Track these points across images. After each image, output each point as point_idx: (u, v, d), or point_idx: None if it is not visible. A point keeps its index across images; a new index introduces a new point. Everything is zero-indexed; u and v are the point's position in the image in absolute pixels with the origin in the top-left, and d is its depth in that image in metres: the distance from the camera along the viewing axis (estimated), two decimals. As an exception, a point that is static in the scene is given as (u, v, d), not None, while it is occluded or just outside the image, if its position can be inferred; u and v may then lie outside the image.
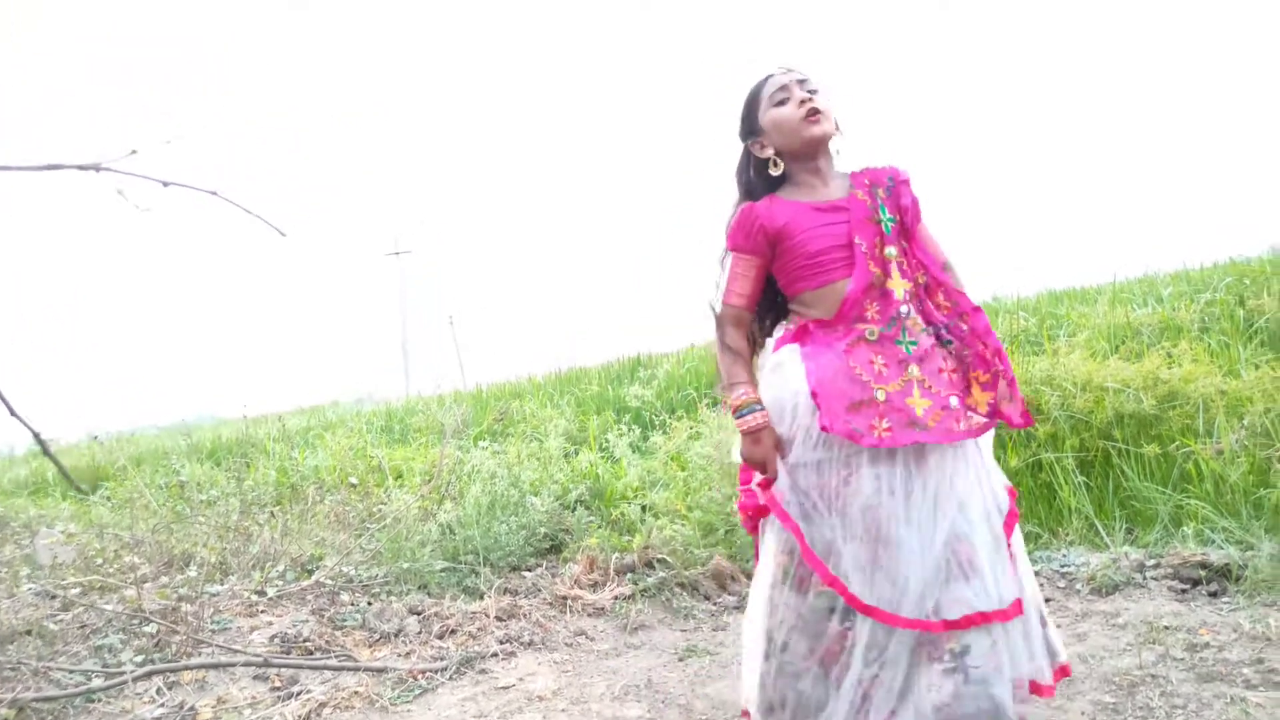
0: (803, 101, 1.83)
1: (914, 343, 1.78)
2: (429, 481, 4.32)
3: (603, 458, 4.93)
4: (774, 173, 1.89)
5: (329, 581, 3.46)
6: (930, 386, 1.75)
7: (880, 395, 1.71)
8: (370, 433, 8.05)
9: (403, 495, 4.36)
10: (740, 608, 3.28)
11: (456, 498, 4.11)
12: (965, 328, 1.82)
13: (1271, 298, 5.22)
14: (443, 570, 3.54)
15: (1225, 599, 2.63)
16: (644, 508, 4.02)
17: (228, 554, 3.78)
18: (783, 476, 1.76)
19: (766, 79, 1.90)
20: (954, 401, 1.75)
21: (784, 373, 1.80)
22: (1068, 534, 3.31)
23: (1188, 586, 2.73)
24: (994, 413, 1.77)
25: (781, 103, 1.86)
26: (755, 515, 1.82)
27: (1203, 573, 2.75)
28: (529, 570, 3.72)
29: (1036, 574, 3.01)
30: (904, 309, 1.79)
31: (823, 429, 1.69)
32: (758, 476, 1.81)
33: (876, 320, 1.78)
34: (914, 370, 1.75)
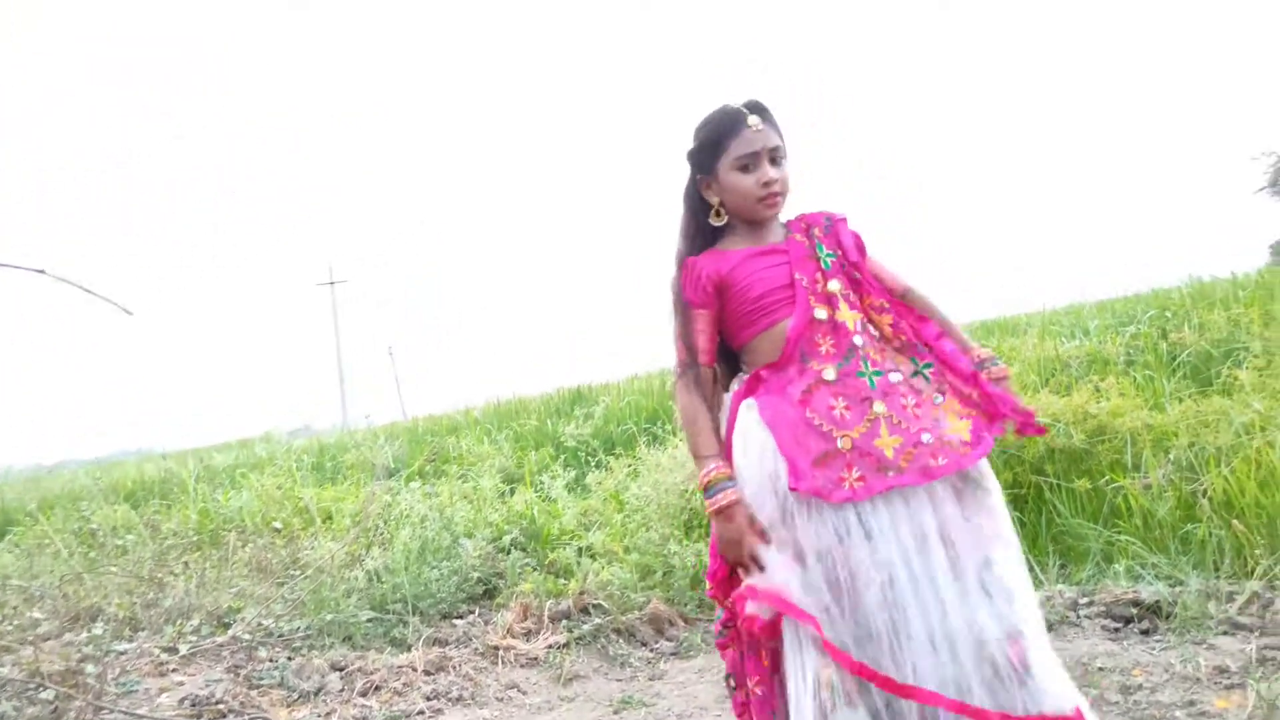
0: (767, 183, 1.75)
1: (878, 373, 1.68)
2: (358, 525, 4.17)
3: (539, 497, 4.82)
4: (715, 223, 1.83)
5: (247, 636, 3.29)
6: (898, 422, 1.64)
7: (844, 443, 1.61)
8: (300, 470, 7.80)
9: (327, 541, 4.20)
10: (678, 654, 3.20)
11: (385, 543, 3.97)
12: (932, 352, 1.75)
13: (1192, 331, 5.38)
14: (369, 621, 3.39)
15: (1157, 637, 2.63)
16: (581, 550, 3.92)
17: (138, 607, 3.58)
18: (788, 570, 1.59)
19: (738, 123, 1.77)
20: (926, 437, 1.63)
21: (748, 441, 1.68)
22: (1003, 571, 3.31)
23: (1120, 625, 2.73)
24: (978, 439, 1.65)
25: (745, 168, 1.76)
26: (764, 635, 1.61)
27: (1134, 610, 2.76)
28: (460, 618, 3.59)
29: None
30: (858, 339, 1.70)
31: (791, 490, 1.59)
32: (745, 580, 1.63)
33: (831, 355, 1.69)
34: (879, 407, 1.64)
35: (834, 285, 1.75)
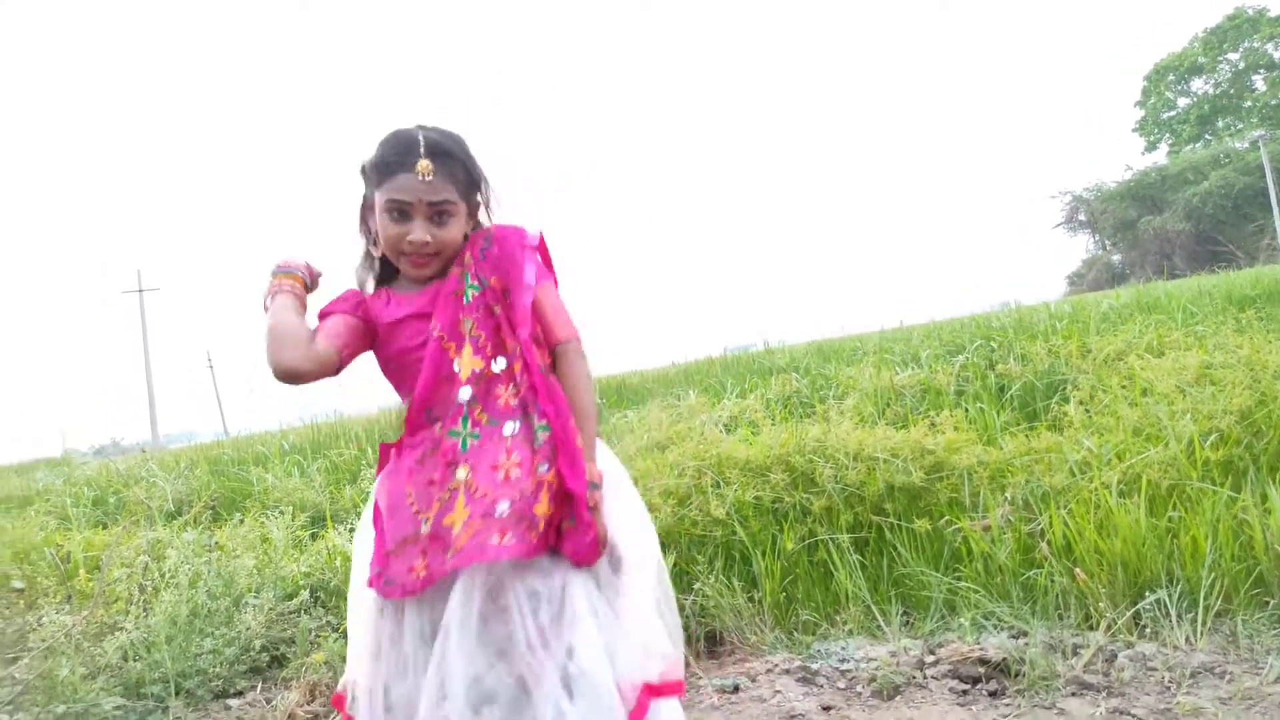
0: (413, 241, 1.54)
1: (475, 434, 1.48)
2: (110, 584, 3.51)
3: (348, 541, 4.28)
4: (375, 252, 1.64)
5: (-52, 739, 2.63)
6: (477, 490, 1.42)
7: (425, 526, 1.42)
8: (78, 507, 6.83)
9: (80, 605, 3.52)
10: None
11: (149, 608, 3.35)
12: (554, 414, 1.50)
13: (1017, 362, 5.48)
14: (117, 709, 2.80)
15: (1005, 700, 2.47)
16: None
17: None
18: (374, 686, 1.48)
19: (404, 162, 1.50)
20: (503, 507, 1.41)
21: (364, 530, 1.57)
22: (845, 622, 3.11)
23: (968, 686, 2.56)
24: (550, 533, 1.44)
25: (397, 217, 1.52)
26: None
27: (982, 669, 2.60)
28: (238, 696, 3.05)
29: (815, 671, 2.77)
30: (464, 392, 1.49)
31: (368, 584, 1.47)
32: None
33: (454, 415, 1.51)
34: (462, 473, 1.44)
35: (467, 324, 1.53)
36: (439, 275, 1.59)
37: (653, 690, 1.47)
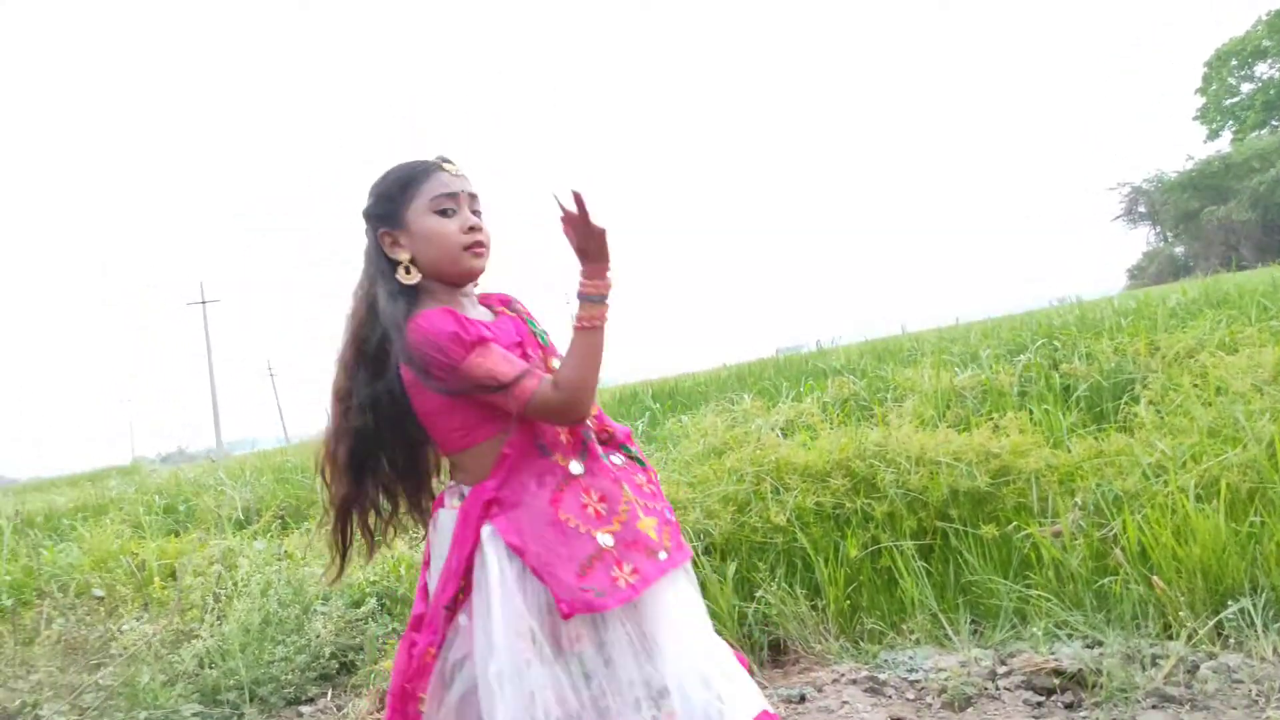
0: (471, 228, 1.52)
1: (605, 456, 1.55)
2: (182, 594, 3.61)
3: (413, 549, 4.34)
4: (405, 280, 1.51)
5: (38, 744, 2.73)
6: (644, 504, 1.51)
7: (607, 540, 1.41)
8: (150, 515, 7.03)
9: (156, 613, 3.63)
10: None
11: (222, 616, 3.44)
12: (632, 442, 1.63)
13: (1082, 361, 5.35)
14: (194, 715, 2.88)
15: (1081, 712, 2.41)
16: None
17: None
18: None
19: (430, 167, 1.53)
20: (669, 514, 1.54)
21: (496, 585, 1.37)
22: (912, 630, 3.06)
23: (1043, 698, 2.50)
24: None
25: (445, 213, 1.51)
26: None
27: (1056, 680, 2.54)
28: (309, 703, 3.11)
29: (883, 681, 2.74)
30: (589, 421, 1.53)
31: (565, 615, 1.35)
32: None
33: (572, 446, 1.49)
34: (628, 490, 1.50)
35: (556, 364, 1.54)
36: (470, 310, 1.55)
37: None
